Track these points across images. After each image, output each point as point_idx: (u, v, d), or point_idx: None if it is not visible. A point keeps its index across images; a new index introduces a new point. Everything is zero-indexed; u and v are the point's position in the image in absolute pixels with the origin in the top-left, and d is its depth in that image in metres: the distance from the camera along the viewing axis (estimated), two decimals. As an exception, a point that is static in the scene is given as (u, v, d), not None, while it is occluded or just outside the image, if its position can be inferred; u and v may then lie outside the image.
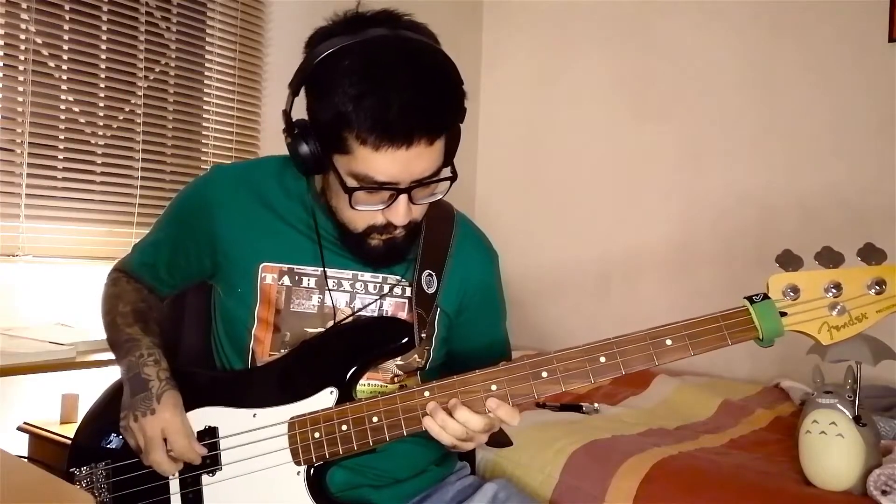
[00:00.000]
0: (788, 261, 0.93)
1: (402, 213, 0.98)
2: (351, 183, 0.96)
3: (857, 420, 1.37)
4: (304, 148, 0.98)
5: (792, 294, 0.92)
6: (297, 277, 1.08)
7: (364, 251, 1.05)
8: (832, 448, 1.38)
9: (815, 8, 2.60)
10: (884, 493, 1.33)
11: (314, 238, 1.09)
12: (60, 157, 2.15)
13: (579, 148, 3.17)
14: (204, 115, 2.52)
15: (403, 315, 1.10)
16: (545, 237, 3.24)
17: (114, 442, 1.06)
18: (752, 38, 2.74)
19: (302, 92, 1.00)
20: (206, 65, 2.51)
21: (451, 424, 0.95)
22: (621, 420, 1.95)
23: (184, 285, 1.21)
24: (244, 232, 1.09)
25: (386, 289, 1.10)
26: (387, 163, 0.93)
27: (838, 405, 1.38)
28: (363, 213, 1.00)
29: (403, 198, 0.97)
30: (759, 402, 2.23)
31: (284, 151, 1.19)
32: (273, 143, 2.64)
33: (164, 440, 1.00)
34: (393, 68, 0.92)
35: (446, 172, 1.00)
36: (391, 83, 0.91)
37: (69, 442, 1.13)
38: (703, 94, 2.85)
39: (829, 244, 0.93)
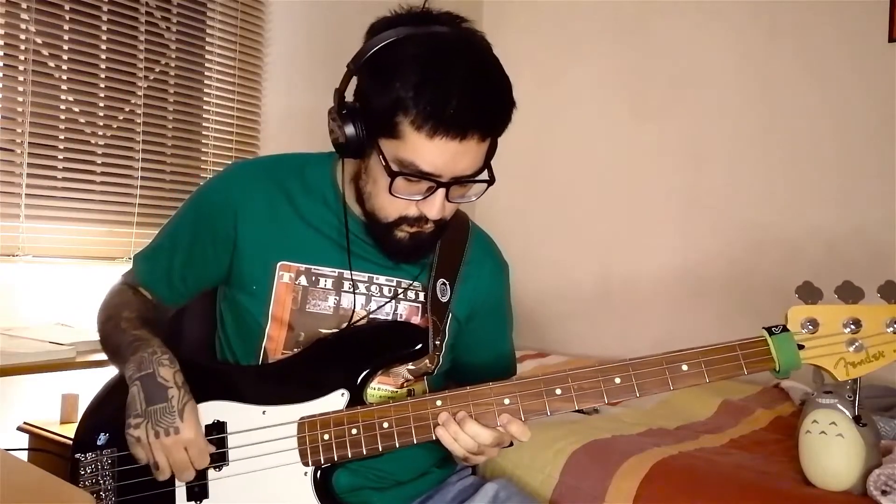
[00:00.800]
0: (808, 293, 0.93)
1: (437, 206, 0.99)
2: (395, 168, 0.96)
3: (857, 420, 1.37)
4: (351, 129, 0.99)
5: (810, 327, 0.92)
6: (314, 278, 1.08)
7: (389, 243, 1.05)
8: (832, 448, 1.38)
9: (814, 8, 2.59)
10: (884, 493, 1.33)
11: (333, 238, 1.09)
12: (60, 157, 2.15)
13: (580, 148, 3.17)
14: (204, 115, 2.52)
15: (417, 319, 1.11)
16: (546, 238, 3.23)
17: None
18: (752, 38, 2.74)
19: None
20: (206, 65, 2.51)
21: (462, 437, 0.95)
22: (621, 420, 1.95)
23: (193, 294, 1.18)
24: (265, 229, 1.08)
25: (400, 292, 1.10)
26: (436, 153, 0.94)
27: (838, 405, 1.38)
28: (397, 202, 1.00)
29: (441, 192, 0.98)
30: (759, 402, 2.23)
31: (284, 151, 1.19)
32: (273, 143, 2.64)
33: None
34: (457, 62, 0.94)
35: (484, 176, 1.01)
36: (454, 76, 0.93)
37: (69, 442, 1.13)
38: (704, 95, 2.85)
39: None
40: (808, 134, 2.61)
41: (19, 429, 1.93)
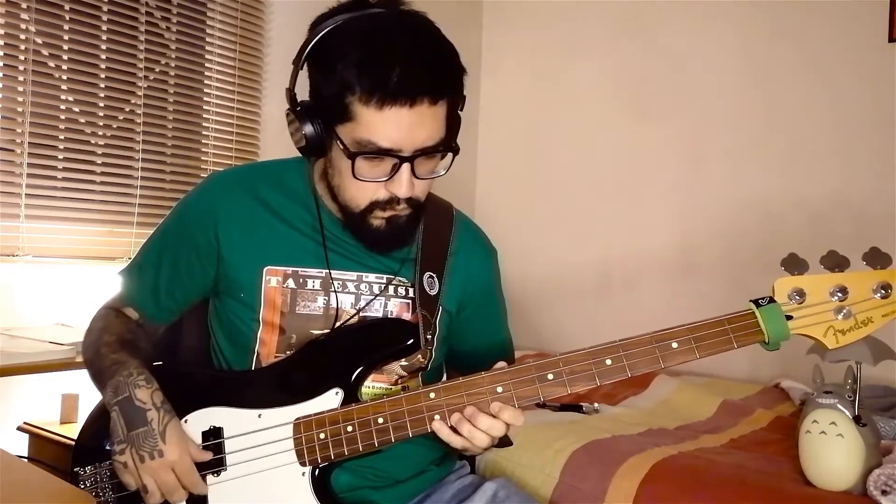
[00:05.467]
0: (794, 264, 0.93)
1: (404, 183, 0.98)
2: (353, 150, 0.96)
3: (857, 420, 1.37)
4: (308, 127, 0.99)
5: (798, 298, 0.92)
6: (301, 280, 1.08)
7: (367, 233, 1.04)
8: (832, 448, 1.38)
9: (814, 8, 2.60)
10: (884, 493, 1.33)
11: (318, 240, 1.09)
12: (60, 157, 2.15)
13: (579, 148, 3.17)
14: (204, 115, 2.52)
15: (408, 316, 1.11)
16: (545, 237, 3.24)
17: None
18: (752, 38, 2.74)
19: (299, 76, 1.02)
20: (206, 65, 2.51)
21: (478, 436, 0.95)
22: (621, 420, 1.95)
23: (181, 309, 1.18)
24: (247, 236, 1.09)
25: (390, 289, 1.10)
26: (390, 125, 0.94)
27: (838, 405, 1.38)
28: (365, 187, 0.99)
29: (406, 168, 0.97)
30: (759, 402, 2.23)
31: (285, 151, 1.19)
32: (273, 143, 2.64)
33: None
34: (396, 36, 0.95)
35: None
36: (394, 47, 0.94)
37: (69, 442, 1.13)
38: (703, 94, 2.85)
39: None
40: (808, 134, 2.61)
41: (19, 429, 1.93)
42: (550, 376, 0.95)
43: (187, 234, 1.12)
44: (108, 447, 1.04)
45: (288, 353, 1.08)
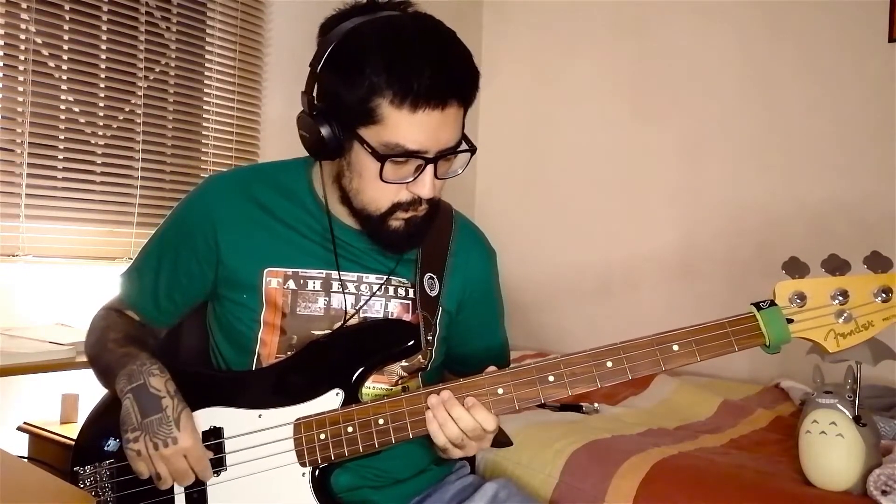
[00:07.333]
0: (795, 268, 0.93)
1: (428, 185, 0.98)
2: (381, 153, 0.96)
3: (857, 420, 1.37)
4: (327, 129, 0.99)
5: (798, 301, 0.92)
6: (301, 281, 1.08)
7: (385, 235, 1.04)
8: (832, 448, 1.38)
9: (815, 8, 2.60)
10: (884, 493, 1.33)
11: (316, 240, 1.09)
12: (60, 157, 2.15)
13: (580, 148, 3.17)
14: (204, 115, 2.52)
15: (408, 316, 1.11)
16: (545, 238, 3.24)
17: (118, 442, 1.06)
18: (752, 38, 2.74)
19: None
20: (206, 65, 2.51)
21: (466, 419, 0.94)
22: (621, 420, 1.95)
23: (182, 312, 1.18)
24: (246, 238, 1.09)
25: (391, 290, 1.10)
26: (419, 128, 0.94)
27: (838, 405, 1.38)
28: (389, 190, 0.99)
29: (430, 169, 0.98)
30: (759, 402, 2.23)
31: (285, 151, 1.20)
32: (273, 143, 2.63)
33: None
34: (418, 38, 0.95)
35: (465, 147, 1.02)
36: (420, 50, 0.94)
37: (69, 442, 1.13)
38: (704, 94, 2.85)
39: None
40: (808, 134, 2.61)
41: (19, 429, 1.93)
42: (551, 378, 0.95)
43: (186, 237, 1.12)
44: (108, 446, 1.05)
45: (289, 353, 1.08)
